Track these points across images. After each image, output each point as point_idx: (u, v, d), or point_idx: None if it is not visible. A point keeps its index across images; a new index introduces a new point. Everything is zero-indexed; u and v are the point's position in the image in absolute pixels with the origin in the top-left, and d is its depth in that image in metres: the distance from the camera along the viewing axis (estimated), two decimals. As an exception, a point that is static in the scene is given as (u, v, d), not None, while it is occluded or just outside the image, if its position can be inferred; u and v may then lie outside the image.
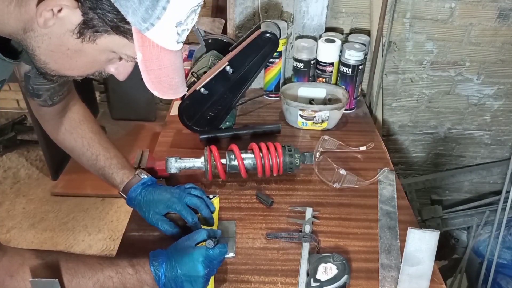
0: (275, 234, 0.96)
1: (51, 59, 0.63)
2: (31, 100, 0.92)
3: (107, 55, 0.64)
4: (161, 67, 0.62)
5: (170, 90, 0.66)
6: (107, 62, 0.67)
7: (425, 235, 0.78)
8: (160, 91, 0.65)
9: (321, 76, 1.41)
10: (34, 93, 0.89)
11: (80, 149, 0.98)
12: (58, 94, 0.92)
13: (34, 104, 0.93)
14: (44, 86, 0.89)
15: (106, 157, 0.98)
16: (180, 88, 0.68)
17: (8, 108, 3.05)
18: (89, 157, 0.98)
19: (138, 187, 0.96)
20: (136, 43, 0.58)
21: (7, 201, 2.49)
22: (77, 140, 0.98)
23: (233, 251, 0.92)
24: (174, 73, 0.65)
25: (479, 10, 1.47)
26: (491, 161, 1.86)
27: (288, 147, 1.10)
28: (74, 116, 0.99)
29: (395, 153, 1.82)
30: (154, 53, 0.60)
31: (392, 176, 1.14)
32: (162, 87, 0.64)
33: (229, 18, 1.46)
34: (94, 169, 1.00)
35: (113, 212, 2.42)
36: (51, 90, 0.90)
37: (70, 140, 0.98)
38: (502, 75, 1.62)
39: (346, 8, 1.48)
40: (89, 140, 0.98)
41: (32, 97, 0.91)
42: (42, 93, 0.90)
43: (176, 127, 1.30)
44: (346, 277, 0.82)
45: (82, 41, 0.60)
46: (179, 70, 0.66)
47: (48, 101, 0.92)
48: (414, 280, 0.82)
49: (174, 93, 0.67)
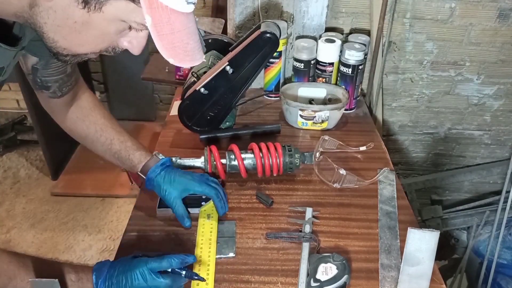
0: (275, 234, 0.96)
1: (60, 36, 0.61)
2: (40, 93, 0.92)
3: (116, 25, 0.61)
4: (173, 31, 0.59)
5: (186, 57, 0.63)
6: (118, 34, 0.63)
7: (425, 235, 0.78)
8: (175, 58, 0.61)
9: (321, 76, 1.41)
10: (43, 85, 0.89)
11: (93, 136, 0.99)
12: (66, 84, 0.92)
13: (43, 96, 0.93)
14: (52, 78, 0.89)
15: (120, 141, 0.99)
16: (196, 54, 0.64)
17: (8, 108, 3.05)
18: (103, 142, 0.98)
19: (157, 167, 0.96)
20: (143, 5, 0.56)
21: (7, 201, 2.50)
22: (89, 127, 0.98)
23: (233, 251, 0.92)
24: (189, 37, 0.61)
25: (479, 10, 1.47)
26: (491, 161, 1.86)
27: (288, 147, 1.10)
28: (84, 104, 0.99)
29: (395, 153, 1.82)
30: (164, 15, 0.57)
31: (392, 176, 1.14)
32: (177, 53, 0.61)
33: (229, 18, 1.46)
34: (109, 154, 1.00)
35: (113, 212, 2.42)
36: (60, 81, 0.90)
37: (83, 128, 0.99)
38: (502, 75, 1.62)
39: (346, 8, 1.48)
40: (101, 125, 0.99)
41: (40, 89, 0.91)
42: (51, 84, 0.90)
43: (176, 127, 1.30)
44: (346, 277, 0.82)
45: (88, 11, 0.57)
46: (193, 35, 0.63)
47: (57, 92, 0.92)
48: (414, 280, 0.82)
49: (191, 60, 0.64)
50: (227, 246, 0.93)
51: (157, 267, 0.76)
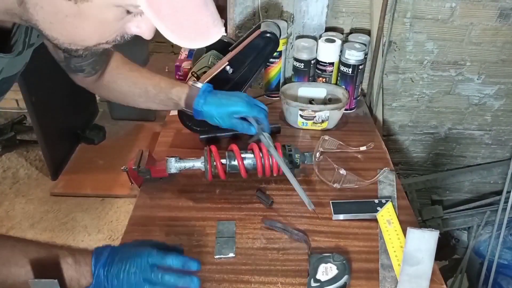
0: (271, 223, 0.98)
1: (57, 33, 0.57)
2: (74, 76, 0.94)
3: (112, 11, 0.54)
4: (176, 8, 0.51)
5: (199, 36, 0.54)
6: (119, 21, 0.56)
7: (425, 235, 0.78)
8: (185, 40, 0.53)
9: (321, 76, 1.41)
10: (77, 70, 0.92)
11: (129, 91, 1.01)
12: (99, 62, 0.95)
13: (79, 78, 0.95)
14: (85, 62, 0.90)
15: (153, 85, 1.00)
16: (211, 29, 0.54)
17: (8, 108, 3.05)
18: (140, 94, 1.01)
19: (200, 97, 0.98)
20: None
21: (6, 201, 2.49)
22: (122, 86, 1.00)
23: (233, 252, 0.92)
24: (198, 12, 0.53)
25: (480, 10, 1.46)
26: (491, 161, 1.85)
27: (288, 147, 1.09)
28: (112, 65, 1.00)
29: (395, 153, 1.81)
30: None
31: (392, 176, 1.14)
32: (187, 33, 0.52)
33: (229, 18, 1.46)
34: (151, 102, 1.02)
35: (113, 212, 2.42)
36: (93, 63, 0.92)
37: (116, 89, 1.01)
38: (503, 75, 1.62)
39: (346, 8, 1.48)
40: (132, 78, 1.00)
41: (75, 73, 0.93)
42: (85, 67, 0.92)
43: (176, 127, 1.30)
44: (346, 277, 0.82)
45: (76, 2, 0.52)
46: (203, 8, 0.53)
47: (91, 71, 0.94)
48: (414, 280, 0.81)
49: (206, 38, 0.54)
50: (227, 246, 0.92)
51: (158, 262, 0.72)
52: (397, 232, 0.94)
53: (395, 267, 0.88)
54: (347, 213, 1.01)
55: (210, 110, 0.96)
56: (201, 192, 1.08)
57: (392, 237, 0.93)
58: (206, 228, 0.98)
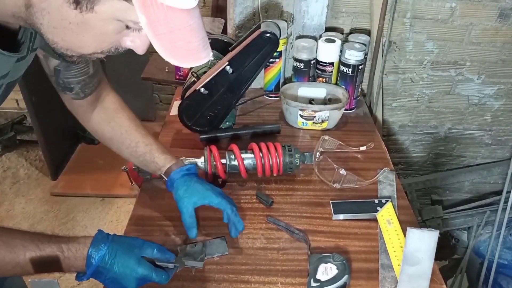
0: (274, 220, 0.99)
1: (58, 37, 0.59)
2: (64, 95, 0.92)
3: (113, 25, 0.58)
4: (172, 29, 0.54)
5: (189, 56, 0.58)
6: (117, 34, 0.60)
7: (424, 234, 0.78)
8: (176, 58, 0.57)
9: (321, 76, 1.41)
10: (66, 87, 0.89)
11: (119, 138, 0.98)
12: (89, 86, 0.92)
13: (67, 98, 0.93)
14: (74, 79, 0.89)
15: (145, 144, 0.98)
16: (201, 52, 0.59)
17: (8, 108, 3.04)
18: (128, 145, 0.98)
19: (181, 171, 0.95)
20: (136, 4, 0.52)
21: (6, 201, 2.49)
22: (115, 130, 0.98)
23: (227, 251, 0.92)
24: (192, 35, 0.57)
25: (480, 10, 1.46)
26: (491, 161, 1.85)
27: (288, 147, 1.09)
28: (109, 106, 0.99)
29: (395, 153, 1.81)
30: (159, 14, 0.53)
31: (392, 176, 1.14)
32: (179, 53, 0.57)
33: (229, 18, 1.46)
34: (134, 156, 0.99)
35: (113, 212, 2.42)
36: (82, 83, 0.90)
37: (108, 130, 0.98)
38: (503, 75, 1.62)
39: (346, 8, 1.48)
40: (127, 128, 0.98)
41: (64, 91, 0.91)
42: (74, 86, 0.90)
43: (176, 127, 1.30)
44: (346, 277, 0.82)
45: (81, 11, 0.55)
46: (196, 31, 0.57)
47: (80, 93, 0.92)
48: (413, 280, 0.81)
49: (195, 59, 0.59)
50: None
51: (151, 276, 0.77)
52: (397, 232, 0.94)
53: (395, 267, 0.88)
54: (347, 213, 1.01)
55: (179, 186, 0.93)
56: (201, 192, 1.08)
57: (392, 237, 0.93)
58: (206, 228, 0.98)
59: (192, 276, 0.86)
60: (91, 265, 0.73)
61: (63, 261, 0.72)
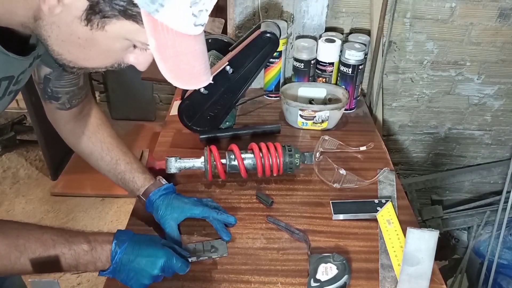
0: (274, 220, 0.99)
1: (64, 50, 0.60)
2: (48, 104, 0.91)
3: (120, 43, 0.60)
4: (178, 54, 0.57)
5: (192, 80, 0.61)
6: (123, 51, 0.62)
7: (424, 234, 0.78)
8: (180, 81, 0.59)
9: (321, 76, 1.41)
10: (53, 96, 0.89)
11: (99, 154, 0.98)
12: (76, 97, 0.91)
13: (51, 107, 0.92)
14: (63, 89, 0.88)
15: (126, 162, 0.98)
16: (202, 76, 0.62)
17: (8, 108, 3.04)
18: (108, 162, 0.98)
19: (160, 191, 0.95)
20: (147, 27, 0.53)
21: (6, 201, 2.49)
22: (96, 145, 0.97)
23: (226, 252, 0.92)
24: (195, 60, 0.59)
25: (480, 10, 1.46)
26: (491, 161, 1.85)
27: (288, 147, 1.09)
28: (92, 120, 0.98)
29: (395, 153, 1.81)
30: (169, 38, 0.54)
31: (392, 176, 1.14)
32: (182, 75, 0.59)
33: (229, 18, 1.46)
34: (113, 173, 0.99)
35: (113, 212, 2.42)
36: (70, 93, 0.90)
37: (88, 145, 0.97)
38: (503, 75, 1.62)
39: (346, 8, 1.48)
40: (108, 144, 0.98)
41: (50, 100, 0.90)
42: (61, 96, 0.89)
43: (176, 127, 1.30)
44: (346, 277, 0.82)
45: (91, 29, 0.56)
46: (200, 57, 0.60)
47: (66, 104, 0.91)
48: (413, 280, 0.81)
49: (197, 82, 0.62)
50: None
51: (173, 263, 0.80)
52: (397, 232, 0.94)
53: (395, 267, 0.88)
54: (347, 213, 1.01)
55: (159, 206, 0.93)
56: (201, 192, 1.09)
57: (392, 237, 0.93)
58: (206, 228, 0.98)
59: (192, 276, 0.86)
60: (117, 253, 0.76)
61: (89, 252, 0.75)
